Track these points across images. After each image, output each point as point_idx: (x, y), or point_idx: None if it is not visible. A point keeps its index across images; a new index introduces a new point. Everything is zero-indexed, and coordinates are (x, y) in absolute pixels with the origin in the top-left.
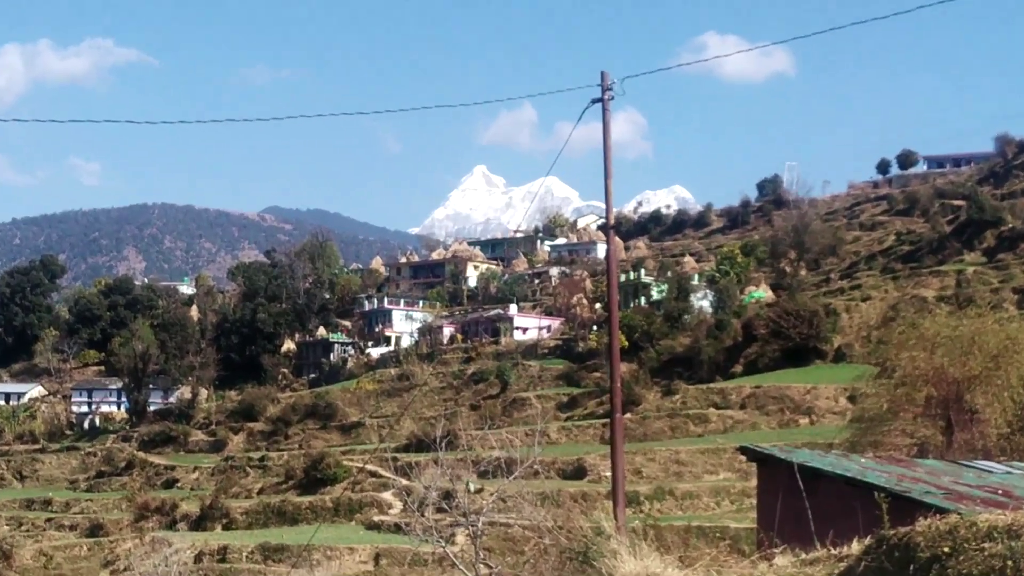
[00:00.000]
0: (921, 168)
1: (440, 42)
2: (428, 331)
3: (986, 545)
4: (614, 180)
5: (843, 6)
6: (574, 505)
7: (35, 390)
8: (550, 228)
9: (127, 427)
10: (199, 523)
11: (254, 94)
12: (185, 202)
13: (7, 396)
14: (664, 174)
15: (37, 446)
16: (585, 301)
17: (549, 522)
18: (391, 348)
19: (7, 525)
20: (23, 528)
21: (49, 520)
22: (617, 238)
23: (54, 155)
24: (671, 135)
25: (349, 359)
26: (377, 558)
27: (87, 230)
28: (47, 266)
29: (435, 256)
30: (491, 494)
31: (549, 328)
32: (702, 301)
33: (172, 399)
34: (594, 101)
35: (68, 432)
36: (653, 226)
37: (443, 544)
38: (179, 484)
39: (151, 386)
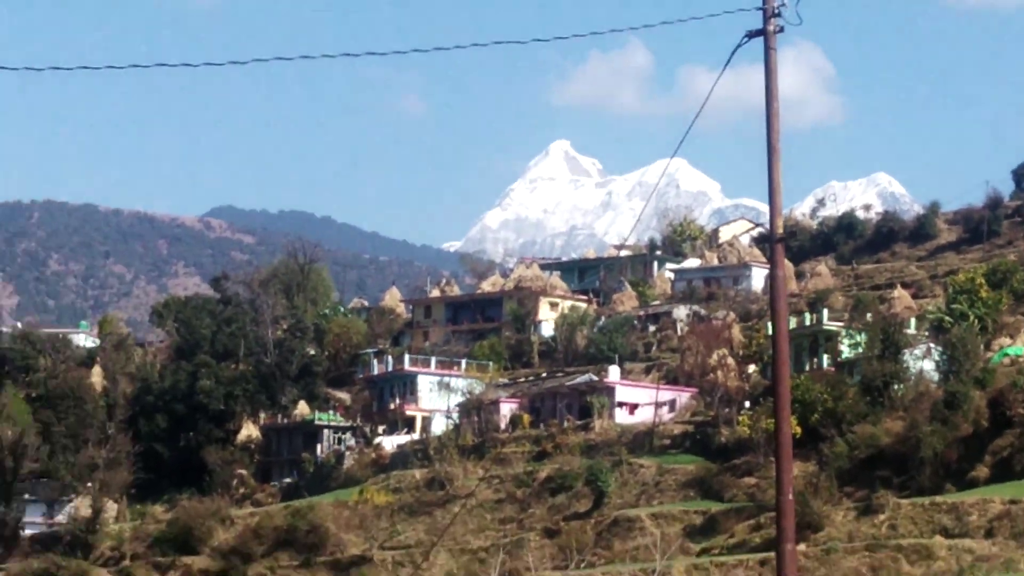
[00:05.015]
0: None
1: None
2: (476, 409)
3: None
4: (782, 162)
5: None
6: None
7: None
8: (675, 242)
9: None
10: None
11: (196, 25)
12: (83, 200)
13: None
14: (861, 154)
15: None
16: (731, 361)
17: None
18: (415, 436)
19: None
20: None
21: None
22: (787, 260)
23: None
24: (872, 90)
25: (347, 454)
26: None
27: None
28: None
29: (487, 287)
30: None
31: (673, 405)
32: (923, 362)
33: (61, 517)
34: (751, 35)
35: None
36: (843, 239)
37: None
38: None
39: (27, 496)
